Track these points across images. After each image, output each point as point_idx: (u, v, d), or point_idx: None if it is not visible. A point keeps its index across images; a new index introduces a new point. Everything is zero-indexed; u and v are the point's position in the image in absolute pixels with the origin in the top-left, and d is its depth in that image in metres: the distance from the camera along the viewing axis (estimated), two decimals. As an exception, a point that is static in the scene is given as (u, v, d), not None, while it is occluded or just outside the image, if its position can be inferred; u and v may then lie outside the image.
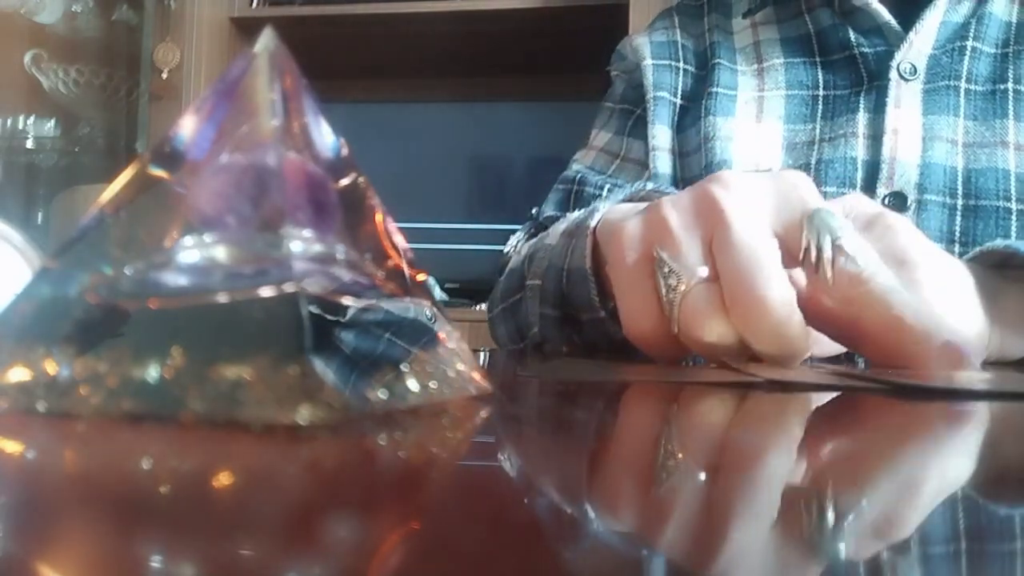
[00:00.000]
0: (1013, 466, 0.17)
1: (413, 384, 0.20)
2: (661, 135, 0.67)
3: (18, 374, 0.19)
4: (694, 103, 0.67)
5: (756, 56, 0.66)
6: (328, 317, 0.18)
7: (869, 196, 0.55)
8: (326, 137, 0.21)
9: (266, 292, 0.18)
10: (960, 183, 0.57)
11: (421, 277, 0.23)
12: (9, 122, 1.78)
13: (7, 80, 1.74)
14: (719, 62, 0.66)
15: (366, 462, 0.16)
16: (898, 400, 0.26)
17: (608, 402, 0.27)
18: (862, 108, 0.60)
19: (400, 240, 0.23)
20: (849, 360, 0.43)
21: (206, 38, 1.65)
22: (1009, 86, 0.59)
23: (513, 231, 0.70)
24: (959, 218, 0.56)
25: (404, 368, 0.20)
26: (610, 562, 0.10)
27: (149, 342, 0.18)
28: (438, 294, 1.31)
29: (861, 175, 0.59)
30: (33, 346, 0.19)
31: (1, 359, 0.19)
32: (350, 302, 0.19)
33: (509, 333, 0.59)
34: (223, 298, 0.18)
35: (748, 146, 0.63)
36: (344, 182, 0.22)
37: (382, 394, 0.19)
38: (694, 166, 0.65)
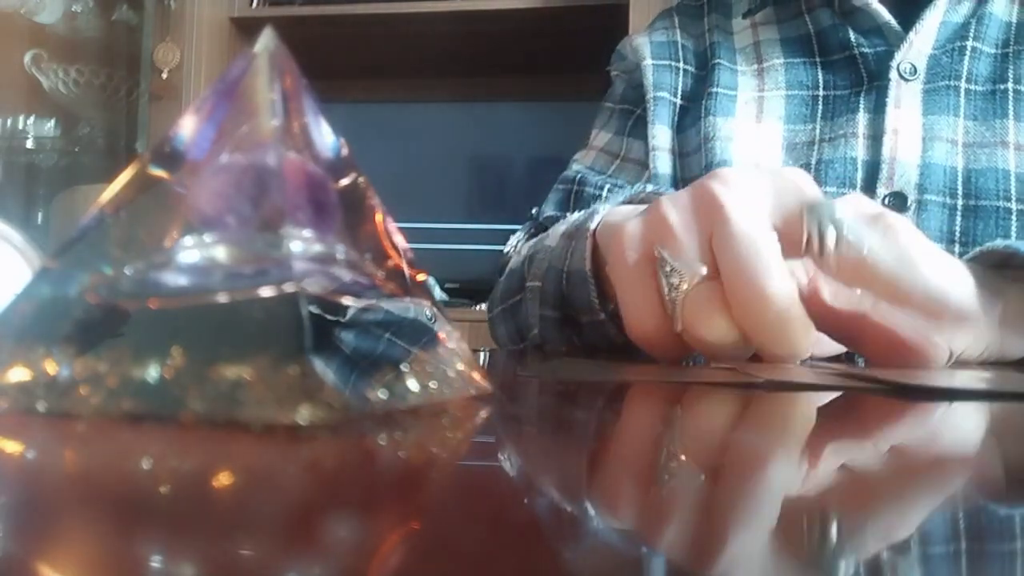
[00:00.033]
0: (1013, 466, 0.17)
1: (413, 384, 0.20)
2: (661, 135, 0.67)
3: (18, 374, 0.19)
4: (694, 103, 0.67)
5: (756, 56, 0.66)
6: (328, 317, 0.18)
7: (869, 196, 0.55)
8: (326, 137, 0.21)
9: (266, 292, 0.18)
10: (960, 183, 0.57)
11: (421, 277, 0.23)
12: (9, 122, 1.78)
13: (7, 80, 1.74)
14: (719, 62, 0.66)
15: (366, 462, 0.16)
16: (898, 400, 0.26)
17: (608, 402, 0.27)
18: (862, 108, 0.60)
19: (400, 240, 0.23)
20: (849, 360, 0.43)
21: (206, 38, 1.65)
22: (1009, 86, 0.59)
23: (513, 231, 0.70)
24: (959, 218, 0.56)
25: (404, 368, 0.20)
26: (610, 562, 0.10)
27: (149, 342, 0.18)
28: (438, 294, 1.31)
29: (861, 175, 0.59)
30: (33, 346, 0.19)
31: (1, 359, 0.19)
32: (350, 302, 0.19)
33: (509, 334, 0.59)
34: (223, 298, 0.18)
35: (748, 146, 0.63)
36: (344, 182, 0.22)
37: (382, 394, 0.19)
38: (694, 166, 0.65)
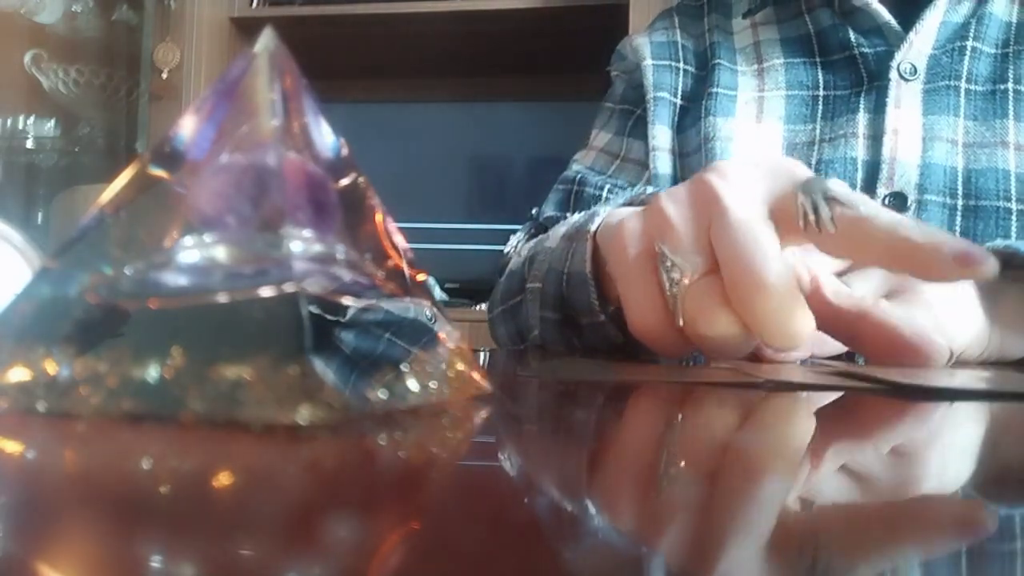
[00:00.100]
0: (1013, 466, 0.17)
1: (413, 384, 0.20)
2: (661, 135, 0.67)
3: (18, 374, 0.19)
4: (694, 103, 0.67)
5: (756, 56, 0.66)
6: (328, 317, 0.18)
7: (869, 196, 0.55)
8: (326, 137, 0.21)
9: (266, 292, 0.18)
10: (960, 183, 0.57)
11: (421, 277, 0.23)
12: (9, 122, 1.78)
13: (7, 80, 1.74)
14: (719, 62, 0.66)
15: (366, 462, 0.16)
16: (898, 400, 0.26)
17: (608, 402, 0.27)
18: (862, 108, 0.60)
19: (400, 240, 0.23)
20: (849, 359, 0.43)
21: (206, 38, 1.65)
22: (1009, 86, 0.58)
23: (513, 231, 0.70)
24: (959, 218, 0.56)
25: (404, 368, 0.20)
26: (610, 562, 0.10)
27: (149, 342, 0.18)
28: (438, 294, 1.31)
29: (861, 175, 0.59)
30: (33, 346, 0.19)
31: (1, 359, 0.19)
32: (350, 302, 0.19)
33: (509, 334, 0.59)
34: (223, 298, 0.18)
35: (748, 146, 0.63)
36: (344, 182, 0.22)
37: (382, 394, 0.19)
38: (694, 166, 0.65)
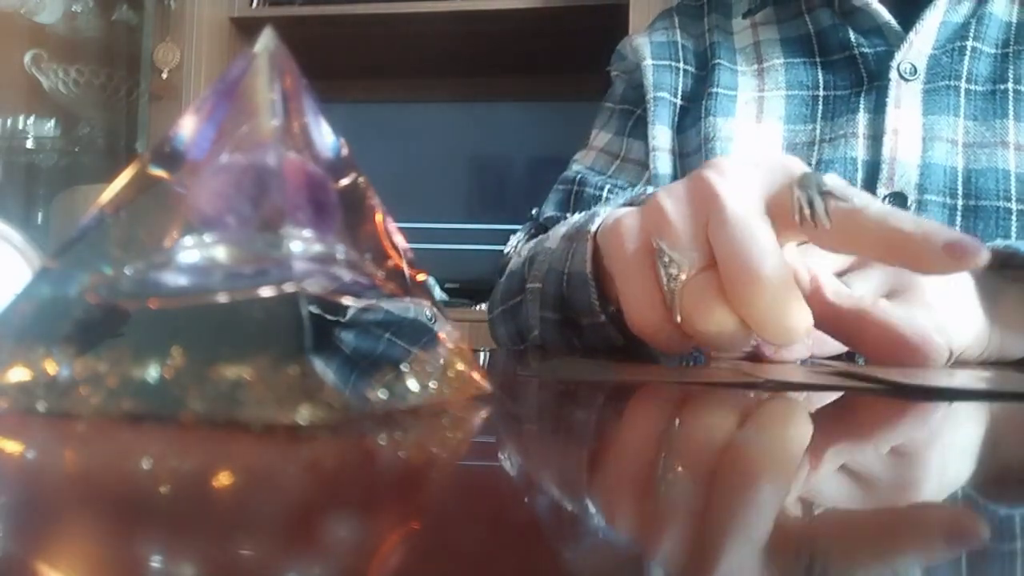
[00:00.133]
0: (1013, 466, 0.17)
1: (413, 384, 0.20)
2: (661, 135, 0.67)
3: (18, 374, 0.19)
4: (694, 103, 0.67)
5: (756, 56, 0.66)
6: (328, 317, 0.18)
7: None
8: (326, 137, 0.21)
9: (266, 292, 0.18)
10: (960, 183, 0.57)
11: (421, 277, 0.23)
12: (9, 122, 1.78)
13: (7, 80, 1.74)
14: (719, 62, 0.66)
15: (366, 462, 0.16)
16: (898, 400, 0.26)
17: (608, 402, 0.27)
18: (862, 108, 0.60)
19: (400, 240, 0.23)
20: (849, 359, 0.43)
21: (206, 38, 1.65)
22: (1009, 86, 0.58)
23: (513, 231, 0.70)
24: (959, 218, 0.56)
25: (404, 368, 0.20)
26: (609, 562, 0.10)
27: (149, 342, 0.18)
28: (438, 294, 1.31)
29: (861, 175, 0.59)
30: (33, 346, 0.19)
31: (1, 359, 0.19)
32: (350, 302, 0.19)
33: (509, 335, 0.59)
34: (223, 298, 0.18)
35: (748, 147, 0.63)
36: (344, 182, 0.22)
37: (382, 394, 0.19)
38: (694, 167, 0.64)
